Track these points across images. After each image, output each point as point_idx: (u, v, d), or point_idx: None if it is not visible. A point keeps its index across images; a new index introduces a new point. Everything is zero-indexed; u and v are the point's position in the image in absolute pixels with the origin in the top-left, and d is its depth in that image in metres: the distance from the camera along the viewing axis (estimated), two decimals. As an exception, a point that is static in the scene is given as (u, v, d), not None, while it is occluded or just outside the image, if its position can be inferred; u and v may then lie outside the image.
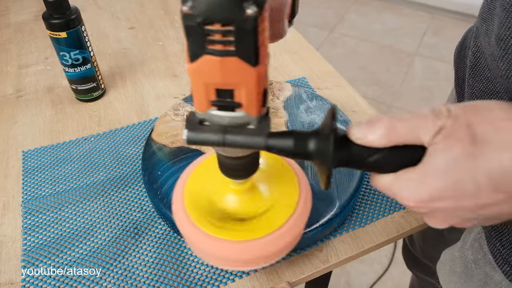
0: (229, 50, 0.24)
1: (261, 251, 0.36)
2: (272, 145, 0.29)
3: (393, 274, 1.31)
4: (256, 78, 0.26)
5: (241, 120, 0.28)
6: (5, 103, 0.69)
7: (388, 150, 0.27)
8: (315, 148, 0.28)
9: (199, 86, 0.27)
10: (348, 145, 0.28)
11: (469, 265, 0.43)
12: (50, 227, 0.50)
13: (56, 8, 0.58)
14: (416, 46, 2.22)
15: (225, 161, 0.33)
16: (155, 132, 0.56)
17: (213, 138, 0.29)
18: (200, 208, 0.37)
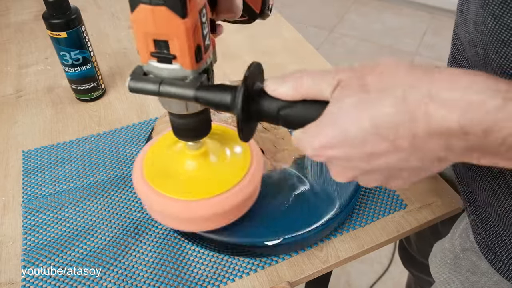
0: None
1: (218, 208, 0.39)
2: (199, 97, 0.31)
3: (393, 274, 1.31)
4: (184, 30, 0.28)
5: (178, 73, 0.31)
6: (5, 103, 0.69)
7: (297, 104, 0.29)
8: (230, 100, 0.31)
9: (140, 36, 0.30)
10: (262, 98, 0.30)
11: (458, 255, 0.44)
12: (50, 227, 0.50)
13: (56, 8, 0.58)
14: (416, 46, 2.22)
15: (175, 121, 0.36)
16: (155, 132, 0.56)
17: (150, 87, 0.32)
18: (159, 175, 0.41)
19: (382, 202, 0.52)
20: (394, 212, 0.51)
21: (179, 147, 0.42)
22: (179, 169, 0.41)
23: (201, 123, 0.36)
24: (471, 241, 0.42)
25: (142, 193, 0.41)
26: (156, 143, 0.45)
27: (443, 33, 2.30)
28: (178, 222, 0.42)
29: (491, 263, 0.39)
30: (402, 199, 0.53)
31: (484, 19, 0.32)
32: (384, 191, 0.53)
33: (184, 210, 0.39)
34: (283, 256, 0.47)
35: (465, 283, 0.43)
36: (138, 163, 0.43)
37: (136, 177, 0.42)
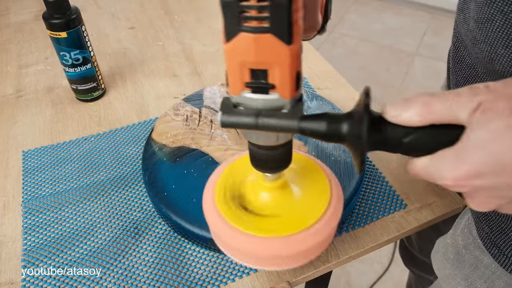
0: (263, 26, 0.25)
1: (294, 248, 0.35)
2: (304, 128, 0.29)
3: (393, 274, 1.31)
4: (289, 57, 0.26)
5: (275, 103, 0.29)
6: (5, 103, 0.69)
7: (424, 130, 0.26)
8: (348, 131, 0.28)
9: (234, 66, 0.27)
10: (382, 126, 0.27)
11: (460, 250, 0.44)
12: (50, 227, 0.50)
13: (56, 8, 0.58)
14: (416, 46, 2.22)
15: (257, 151, 0.33)
16: (155, 132, 0.56)
17: (247, 120, 0.29)
18: (232, 207, 0.37)
19: (382, 202, 0.52)
20: (394, 212, 0.51)
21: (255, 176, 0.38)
22: (254, 201, 0.38)
23: (285, 154, 0.33)
24: (473, 236, 0.42)
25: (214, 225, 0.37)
26: (229, 167, 0.41)
27: (443, 33, 2.30)
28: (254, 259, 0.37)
29: (495, 258, 0.39)
30: (402, 199, 0.53)
31: (491, 16, 0.32)
32: (384, 191, 0.54)
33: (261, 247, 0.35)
34: (283, 256, 0.47)
35: (468, 278, 0.43)
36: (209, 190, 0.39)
37: (208, 206, 0.38)
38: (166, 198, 0.48)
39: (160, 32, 0.85)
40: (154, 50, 0.80)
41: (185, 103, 0.61)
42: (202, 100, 0.61)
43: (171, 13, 0.92)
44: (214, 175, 0.41)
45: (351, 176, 0.50)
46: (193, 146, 0.54)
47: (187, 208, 0.47)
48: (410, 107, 0.26)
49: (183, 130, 0.56)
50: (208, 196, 0.39)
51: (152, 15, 0.91)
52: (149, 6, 0.95)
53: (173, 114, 0.59)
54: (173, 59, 0.78)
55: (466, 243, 0.43)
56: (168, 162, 0.52)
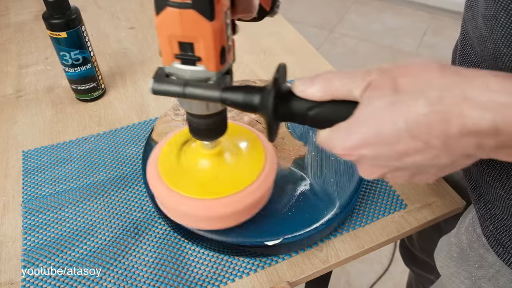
0: (186, 2, 0.27)
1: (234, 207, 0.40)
2: (225, 98, 0.32)
3: (393, 274, 1.31)
4: (212, 33, 0.29)
5: (201, 74, 0.32)
6: (5, 103, 0.69)
7: (326, 105, 0.29)
8: (259, 102, 0.31)
9: (164, 38, 0.30)
10: (290, 99, 0.30)
11: (465, 249, 0.44)
12: (50, 227, 0.50)
13: (56, 8, 0.58)
14: (416, 46, 2.22)
15: (193, 121, 0.36)
16: (155, 132, 0.56)
17: (175, 89, 0.32)
18: (174, 173, 0.42)
19: (382, 202, 0.52)
20: (394, 212, 0.51)
21: (194, 145, 0.43)
22: (194, 167, 0.42)
23: (219, 123, 0.37)
24: (478, 235, 0.42)
25: (157, 190, 0.41)
26: (170, 140, 0.45)
27: (443, 33, 2.30)
28: (192, 220, 0.42)
29: (500, 256, 0.39)
30: (402, 199, 0.53)
31: (496, 13, 0.32)
32: (384, 191, 0.54)
33: (199, 208, 0.40)
34: (283, 256, 0.47)
35: (473, 276, 0.43)
36: (153, 160, 0.43)
37: (151, 174, 0.42)
38: (166, 198, 0.48)
39: (160, 32, 0.85)
40: (154, 50, 0.80)
41: (185, 103, 0.61)
42: (202, 100, 0.61)
43: (171, 13, 0.92)
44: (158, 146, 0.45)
45: (351, 176, 0.50)
46: (193, 146, 0.54)
47: (187, 208, 0.47)
48: (315, 83, 0.29)
49: (183, 130, 0.56)
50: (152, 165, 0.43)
51: (152, 15, 0.91)
52: (149, 6, 0.95)
53: (173, 114, 0.59)
54: (173, 59, 0.78)
55: (471, 241, 0.43)
56: (168, 162, 0.52)
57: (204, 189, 0.40)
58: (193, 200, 0.40)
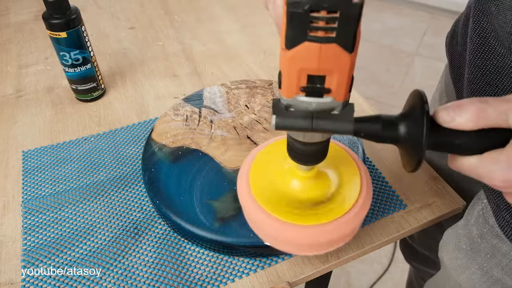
0: (329, 36, 0.25)
1: (327, 236, 0.36)
2: (359, 130, 0.30)
3: (393, 274, 1.31)
4: (350, 65, 0.27)
5: (328, 105, 0.29)
6: (5, 103, 0.69)
7: (476, 133, 0.27)
8: (405, 132, 0.29)
9: (293, 72, 0.27)
10: (436, 128, 0.28)
11: (475, 240, 0.44)
12: (50, 227, 0.50)
13: (56, 8, 0.58)
14: (416, 46, 2.22)
15: (298, 146, 0.33)
16: (155, 132, 0.56)
17: (302, 123, 0.29)
18: (266, 194, 0.38)
19: (382, 202, 0.52)
20: (394, 212, 0.51)
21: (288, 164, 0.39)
22: (287, 189, 0.39)
23: (324, 149, 0.34)
24: (490, 225, 0.42)
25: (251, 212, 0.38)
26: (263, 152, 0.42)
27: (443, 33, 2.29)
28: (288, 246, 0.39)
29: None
30: (402, 199, 0.53)
31: None
32: (384, 191, 0.54)
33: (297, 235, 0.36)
34: (283, 256, 0.47)
35: (484, 266, 0.43)
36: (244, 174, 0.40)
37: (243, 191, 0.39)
38: (166, 198, 0.48)
39: (160, 32, 0.85)
40: (154, 50, 0.80)
41: (185, 103, 0.61)
42: (202, 100, 0.61)
43: (171, 13, 0.92)
44: (247, 161, 0.41)
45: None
46: (193, 146, 0.54)
47: (187, 208, 0.47)
48: (463, 113, 0.27)
49: (183, 130, 0.56)
50: (243, 182, 0.40)
51: (152, 15, 0.91)
52: (149, 6, 0.95)
53: (173, 114, 0.59)
54: (173, 59, 0.78)
55: (482, 232, 0.43)
56: (168, 162, 0.52)
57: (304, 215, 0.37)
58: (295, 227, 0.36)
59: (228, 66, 0.76)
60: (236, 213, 0.46)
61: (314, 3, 0.23)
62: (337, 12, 0.24)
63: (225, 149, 0.54)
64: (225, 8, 0.94)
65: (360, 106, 0.66)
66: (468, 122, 0.27)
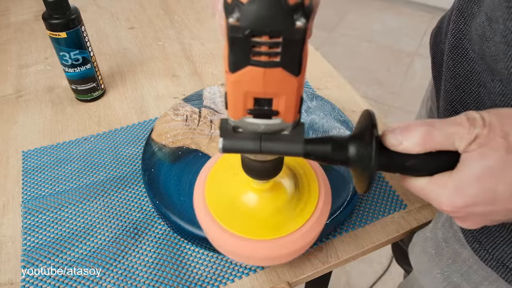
0: (274, 61, 0.24)
1: (282, 250, 0.36)
2: (310, 152, 0.29)
3: (393, 274, 1.31)
4: (297, 87, 0.26)
5: (277, 127, 0.29)
6: (5, 103, 0.69)
7: (425, 155, 0.28)
8: (355, 154, 0.29)
9: (238, 95, 0.27)
10: (384, 150, 0.28)
11: (440, 243, 0.44)
12: (50, 227, 0.50)
13: (56, 8, 0.58)
14: (416, 46, 2.22)
15: (251, 164, 0.33)
16: (155, 132, 0.56)
17: (250, 146, 0.29)
18: (221, 206, 0.38)
19: (382, 202, 0.52)
20: (394, 212, 0.51)
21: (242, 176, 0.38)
22: (242, 201, 0.38)
23: (278, 164, 0.34)
24: (454, 230, 0.42)
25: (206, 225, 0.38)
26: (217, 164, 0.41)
27: (443, 33, 2.30)
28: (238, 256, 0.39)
29: (476, 251, 0.39)
30: (402, 199, 0.53)
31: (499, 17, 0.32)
32: (384, 191, 0.54)
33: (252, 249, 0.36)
34: (283, 256, 0.47)
35: (445, 271, 0.44)
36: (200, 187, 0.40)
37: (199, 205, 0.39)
38: (166, 198, 0.48)
39: (160, 32, 0.85)
40: (154, 50, 0.80)
41: (185, 103, 0.61)
42: (202, 100, 0.61)
43: (171, 13, 0.92)
44: (203, 172, 0.41)
45: (350, 176, 0.50)
46: (193, 147, 0.54)
47: (187, 209, 0.47)
48: (410, 136, 0.27)
49: (183, 130, 0.56)
50: (198, 195, 0.39)
51: (152, 15, 0.91)
52: (149, 6, 0.95)
53: (172, 114, 0.59)
54: (173, 59, 0.78)
55: (446, 236, 0.44)
56: (168, 162, 0.52)
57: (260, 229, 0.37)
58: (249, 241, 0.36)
59: (228, 66, 0.76)
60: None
61: (255, 28, 0.22)
62: (280, 37, 0.23)
63: (225, 149, 0.53)
64: (225, 8, 0.94)
65: (359, 107, 0.66)
66: (415, 146, 0.27)
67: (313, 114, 0.59)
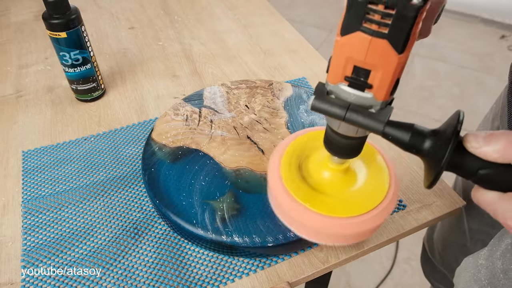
0: (381, 32, 0.25)
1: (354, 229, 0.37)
2: (388, 133, 0.30)
3: (394, 274, 1.31)
4: (396, 65, 0.27)
5: (367, 101, 0.30)
6: (5, 103, 0.69)
7: (502, 167, 0.27)
8: (431, 146, 0.29)
9: (341, 59, 0.28)
10: (462, 151, 0.28)
11: (497, 275, 0.42)
12: (50, 227, 0.50)
13: (56, 8, 0.58)
14: (416, 46, 2.22)
15: (334, 137, 0.34)
16: (155, 132, 0.56)
17: (336, 111, 0.30)
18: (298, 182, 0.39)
19: (382, 202, 0.52)
20: (394, 212, 0.51)
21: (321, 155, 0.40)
22: (320, 181, 0.39)
23: (360, 145, 0.35)
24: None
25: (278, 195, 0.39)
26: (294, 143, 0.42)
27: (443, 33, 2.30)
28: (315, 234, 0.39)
29: None
30: (402, 199, 0.53)
31: None
32: (384, 191, 0.53)
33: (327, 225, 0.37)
34: (283, 256, 0.47)
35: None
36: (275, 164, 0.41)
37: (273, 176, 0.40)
38: (166, 198, 0.48)
39: (160, 32, 0.85)
40: (154, 50, 0.80)
41: (185, 103, 0.61)
42: (202, 100, 0.61)
43: (171, 13, 0.92)
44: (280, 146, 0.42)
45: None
46: (193, 146, 0.54)
47: (187, 208, 0.47)
48: (492, 142, 0.27)
49: (183, 130, 0.56)
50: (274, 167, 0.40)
51: (152, 15, 0.91)
52: (149, 6, 0.95)
53: (173, 114, 0.59)
54: (173, 59, 0.78)
55: (508, 268, 0.41)
56: (168, 162, 0.52)
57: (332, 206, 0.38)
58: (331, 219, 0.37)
59: (228, 66, 0.76)
60: (236, 213, 0.46)
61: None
62: (393, 9, 0.24)
63: (225, 149, 0.54)
64: (225, 8, 0.94)
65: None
66: (494, 153, 0.26)
67: (314, 114, 0.59)
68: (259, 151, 0.53)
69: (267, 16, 0.91)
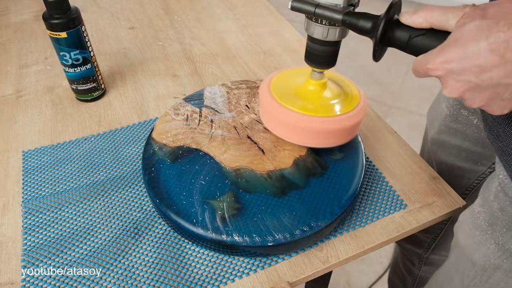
0: None
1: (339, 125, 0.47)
2: (345, 20, 0.40)
3: (393, 274, 1.31)
4: None
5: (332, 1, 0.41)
6: (5, 103, 0.69)
7: (426, 32, 0.36)
8: (371, 27, 0.39)
9: None
10: (396, 27, 0.37)
11: (496, 214, 0.45)
12: (50, 227, 0.50)
13: (56, 8, 0.58)
14: (416, 46, 2.22)
15: (312, 46, 0.46)
16: (155, 131, 0.56)
17: (308, 8, 0.41)
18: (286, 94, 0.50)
19: (382, 202, 0.52)
20: (394, 212, 0.51)
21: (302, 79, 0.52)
22: (303, 91, 0.50)
23: (332, 54, 0.46)
24: (510, 197, 0.43)
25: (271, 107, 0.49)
26: (280, 73, 0.55)
27: (443, 33, 2.29)
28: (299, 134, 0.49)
29: None
30: (402, 199, 0.53)
31: None
32: (384, 191, 0.54)
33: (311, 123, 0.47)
34: (283, 256, 0.47)
35: (500, 240, 0.45)
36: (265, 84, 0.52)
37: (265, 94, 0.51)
38: (166, 198, 0.48)
39: (160, 32, 0.85)
40: (154, 50, 0.80)
41: (186, 103, 0.61)
42: (202, 100, 0.61)
43: (171, 13, 0.92)
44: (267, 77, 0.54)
45: (351, 176, 0.50)
46: (193, 146, 0.54)
47: (187, 208, 0.47)
48: (418, 12, 0.36)
49: (183, 129, 0.56)
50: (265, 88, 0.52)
51: (152, 15, 0.91)
52: (149, 6, 0.95)
53: (173, 114, 0.59)
54: (173, 59, 0.78)
55: (503, 206, 0.44)
56: (168, 162, 0.52)
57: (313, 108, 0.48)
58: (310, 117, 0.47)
59: (228, 66, 0.76)
60: (236, 212, 0.46)
61: None
62: None
63: (225, 148, 0.54)
64: (225, 8, 0.94)
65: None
66: (419, 18, 0.36)
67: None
68: (259, 151, 0.53)
69: (267, 16, 0.91)
